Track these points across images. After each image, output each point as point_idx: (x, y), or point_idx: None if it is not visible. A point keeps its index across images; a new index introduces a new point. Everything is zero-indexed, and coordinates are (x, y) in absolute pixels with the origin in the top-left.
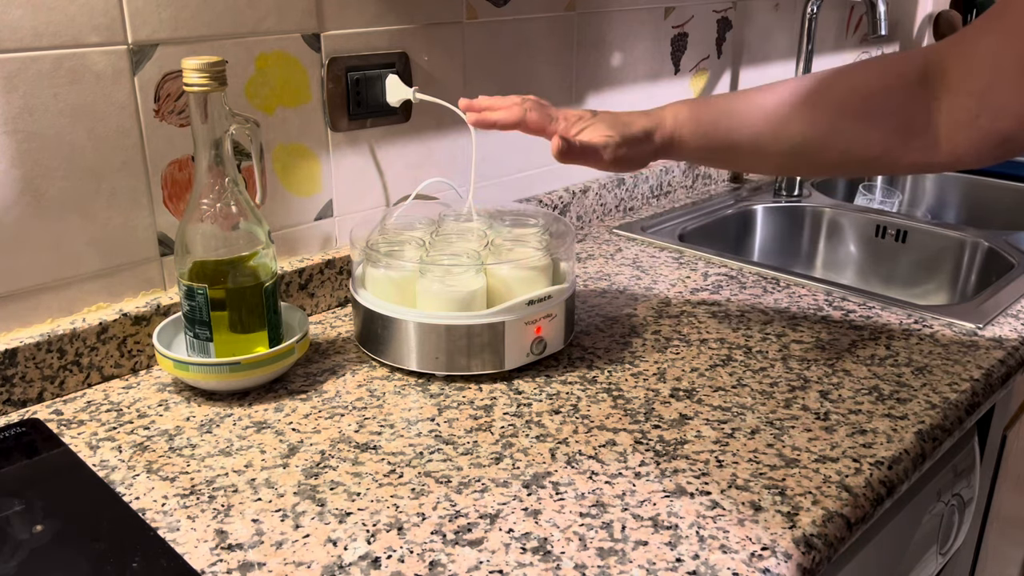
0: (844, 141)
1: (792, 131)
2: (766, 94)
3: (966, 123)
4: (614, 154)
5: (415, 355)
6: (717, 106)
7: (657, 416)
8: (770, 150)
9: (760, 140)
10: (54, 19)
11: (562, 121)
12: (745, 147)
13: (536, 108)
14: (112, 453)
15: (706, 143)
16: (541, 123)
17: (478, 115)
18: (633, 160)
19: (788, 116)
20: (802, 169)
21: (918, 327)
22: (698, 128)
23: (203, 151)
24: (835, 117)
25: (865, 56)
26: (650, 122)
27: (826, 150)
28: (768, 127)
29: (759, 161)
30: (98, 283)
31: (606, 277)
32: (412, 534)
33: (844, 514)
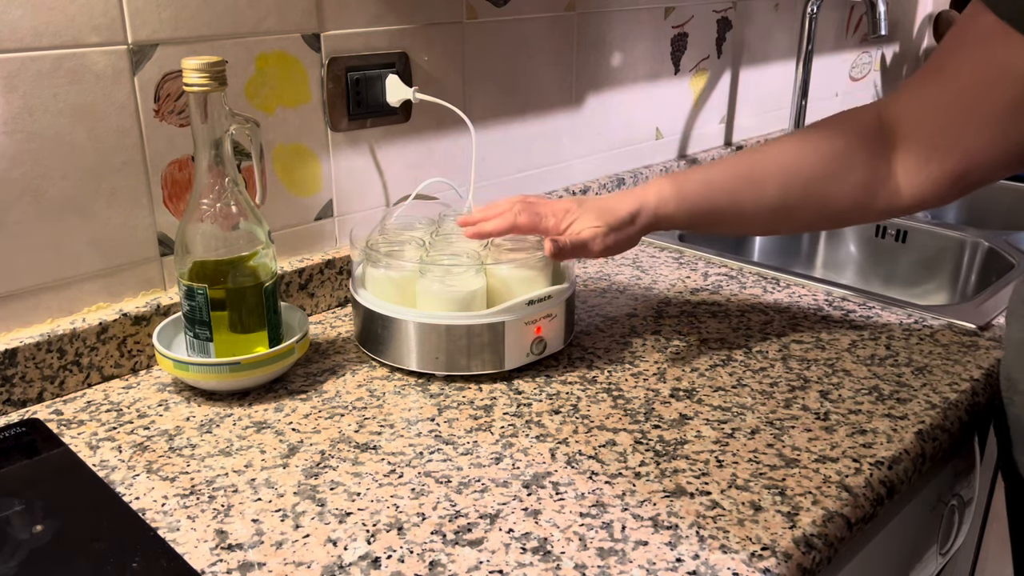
0: (818, 200)
1: (770, 195)
2: (744, 163)
3: (921, 167)
4: (603, 244)
5: (415, 355)
6: (697, 178)
7: (657, 416)
8: (750, 215)
9: (741, 207)
10: (54, 19)
11: (551, 218)
12: (728, 214)
13: (525, 210)
14: (112, 453)
15: (691, 215)
16: (532, 224)
17: (474, 228)
18: (621, 244)
19: (764, 181)
20: (782, 228)
21: (918, 327)
22: (681, 203)
23: (203, 151)
24: (807, 178)
25: (865, 55)
26: (634, 204)
27: (802, 209)
28: (748, 194)
29: (742, 225)
30: (98, 283)
31: (606, 277)
32: (412, 534)
33: (844, 514)
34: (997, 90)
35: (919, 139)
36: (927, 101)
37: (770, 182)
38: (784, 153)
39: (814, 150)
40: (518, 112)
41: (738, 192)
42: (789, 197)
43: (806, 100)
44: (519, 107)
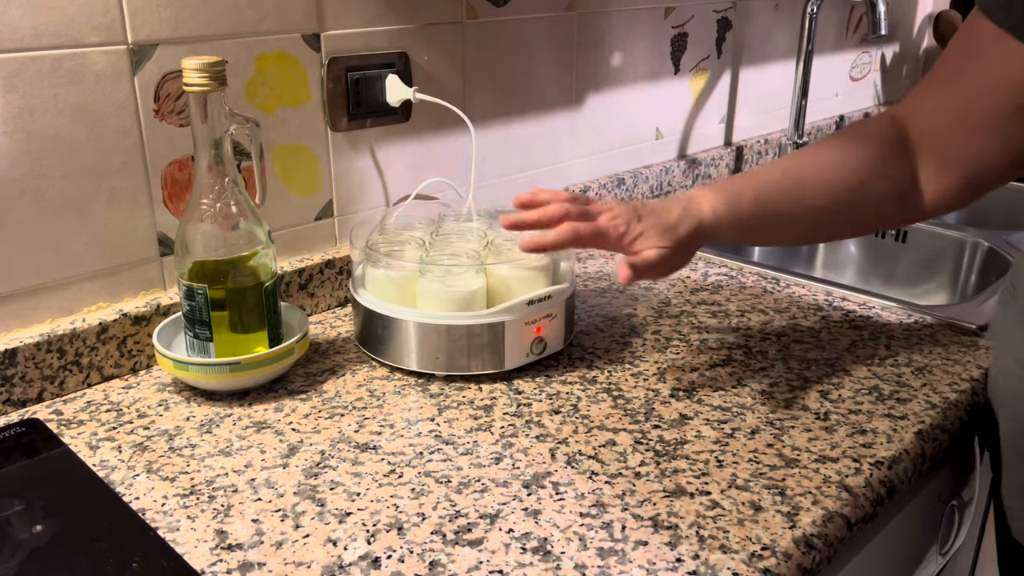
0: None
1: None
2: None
3: (937, 176)
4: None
5: (415, 355)
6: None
7: (657, 416)
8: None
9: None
10: (54, 19)
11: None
12: (770, 230)
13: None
14: (112, 453)
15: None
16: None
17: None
18: (684, 263)
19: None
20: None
21: (918, 327)
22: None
23: (203, 151)
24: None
25: (865, 55)
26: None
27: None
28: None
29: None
30: (98, 283)
31: (606, 277)
32: (412, 534)
33: (844, 514)
34: (998, 97)
35: (932, 149)
36: (936, 111)
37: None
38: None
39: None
40: (518, 112)
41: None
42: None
43: (806, 100)
44: (519, 107)
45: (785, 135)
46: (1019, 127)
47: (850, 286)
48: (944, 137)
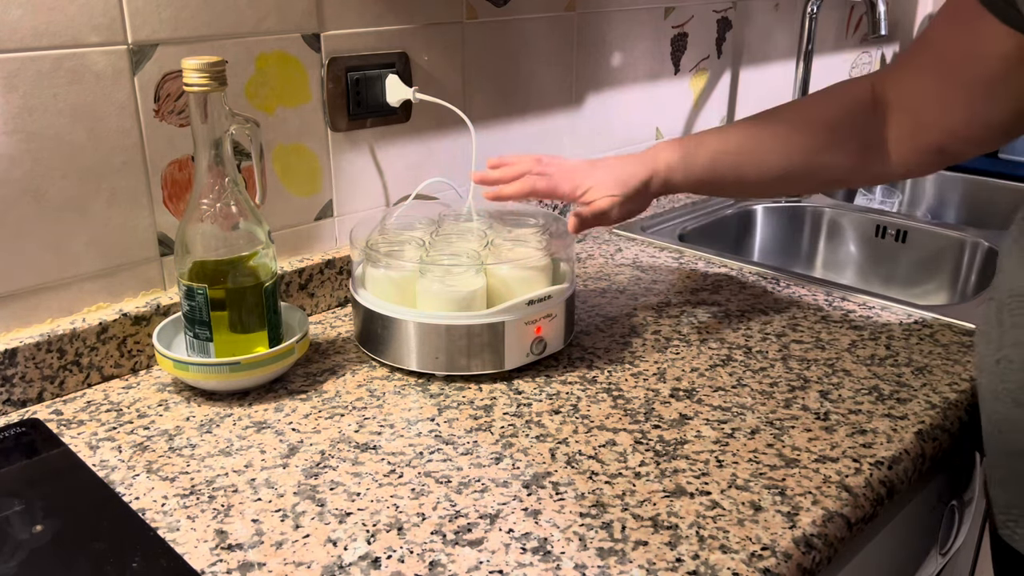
0: (816, 168)
1: (772, 165)
2: (746, 133)
3: (907, 138)
4: (620, 212)
5: (415, 355)
6: (706, 146)
7: (657, 416)
8: (752, 181)
9: (744, 175)
10: (54, 19)
11: (566, 184)
12: (729, 182)
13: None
14: (112, 453)
15: (695, 182)
16: (549, 189)
17: (494, 191)
18: (634, 211)
19: (768, 151)
20: (781, 192)
21: (918, 327)
22: (688, 171)
23: (203, 151)
24: (809, 147)
25: (865, 55)
26: (645, 172)
27: (803, 176)
28: (751, 163)
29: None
30: (98, 283)
31: (606, 277)
32: (412, 534)
33: (844, 514)
34: (974, 68)
35: (906, 113)
36: (914, 77)
37: (773, 154)
38: (786, 125)
39: (814, 122)
40: (518, 112)
41: (742, 165)
42: (791, 167)
43: None
44: (519, 107)
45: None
46: (991, 99)
47: (850, 286)
48: (920, 103)
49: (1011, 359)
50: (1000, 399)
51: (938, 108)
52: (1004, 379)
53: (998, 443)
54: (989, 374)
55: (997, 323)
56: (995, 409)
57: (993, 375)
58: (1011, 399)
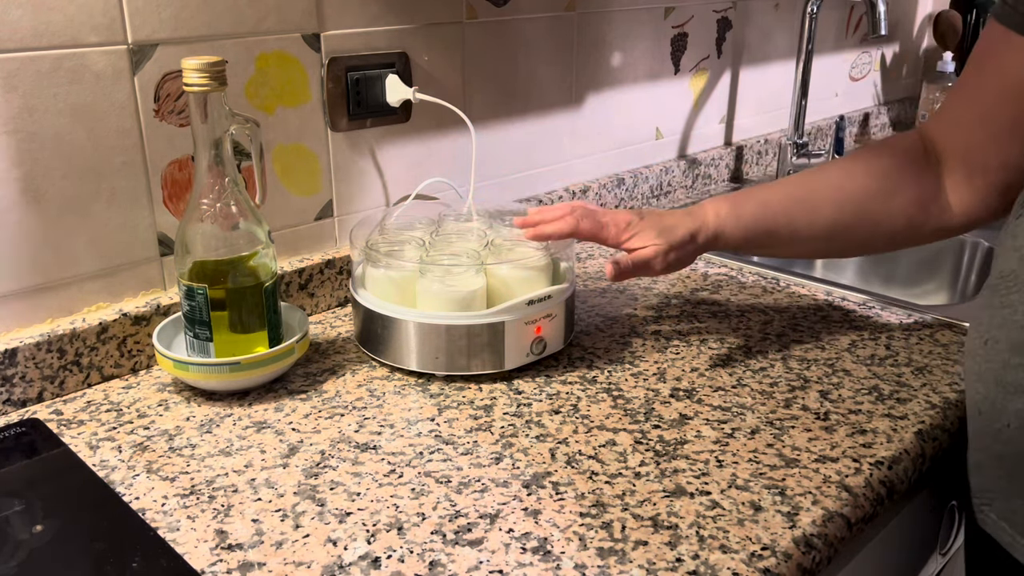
0: (871, 219)
1: (824, 216)
2: (798, 184)
3: (965, 184)
4: (664, 262)
5: (415, 355)
6: (755, 200)
7: (657, 416)
8: (805, 236)
9: (795, 228)
10: (54, 19)
11: (612, 227)
12: (783, 235)
13: (587, 216)
14: (112, 453)
15: (746, 236)
16: (593, 231)
17: (535, 230)
18: (681, 262)
19: (818, 202)
20: (836, 250)
21: (918, 327)
22: (739, 223)
23: (203, 151)
24: (861, 197)
25: (865, 55)
26: (694, 223)
27: (856, 228)
28: (802, 215)
29: (797, 247)
30: (98, 283)
31: (606, 277)
32: (412, 534)
33: (844, 514)
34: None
35: (958, 157)
36: (959, 119)
37: (824, 203)
38: (836, 174)
39: (865, 171)
40: (518, 112)
41: (793, 213)
42: (843, 217)
43: (806, 100)
44: (519, 107)
45: (785, 135)
46: None
47: (850, 286)
48: (968, 145)
49: (997, 339)
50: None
51: (989, 145)
52: (989, 359)
53: (978, 425)
54: (974, 356)
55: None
56: (977, 390)
57: (978, 356)
58: (993, 379)
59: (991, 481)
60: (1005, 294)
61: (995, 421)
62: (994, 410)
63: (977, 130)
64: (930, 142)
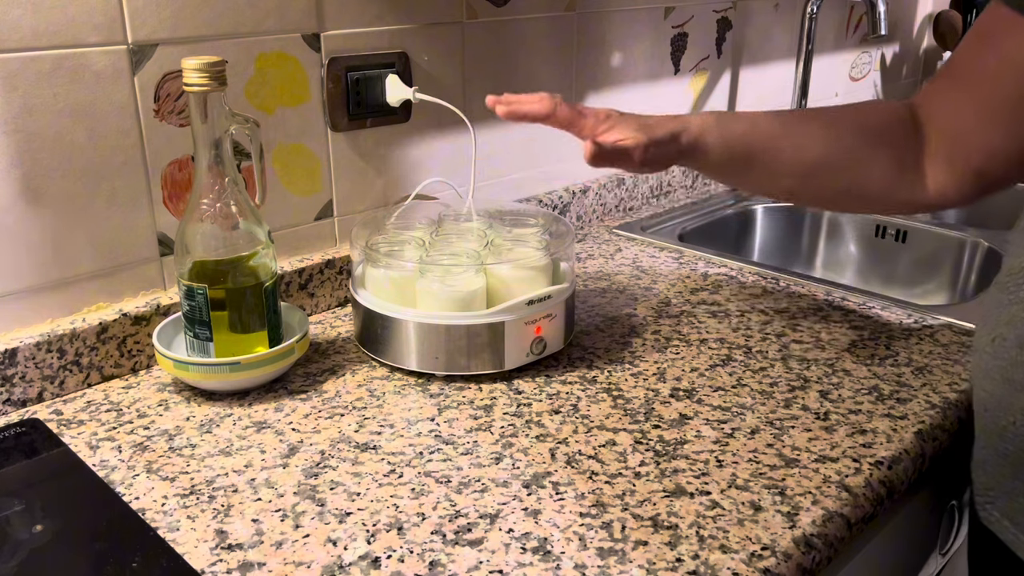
0: (853, 168)
1: (812, 148)
2: (790, 114)
3: (944, 162)
4: (643, 155)
5: (415, 355)
6: (743, 118)
7: (657, 416)
8: (787, 167)
9: (780, 155)
10: (54, 19)
11: (590, 118)
12: (765, 161)
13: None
14: (112, 453)
15: (728, 151)
16: (571, 118)
17: (508, 107)
18: (659, 160)
19: (809, 133)
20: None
21: (918, 327)
22: (722, 135)
23: (203, 151)
24: (851, 140)
25: (865, 55)
26: (676, 125)
27: (837, 174)
28: (789, 143)
29: (775, 180)
30: (98, 283)
31: (606, 277)
32: (412, 534)
33: (844, 514)
34: (1011, 84)
35: (942, 135)
36: (949, 98)
37: (811, 139)
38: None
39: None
40: None
41: (779, 141)
42: (827, 159)
43: (806, 100)
44: None
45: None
46: None
47: (850, 286)
48: (955, 125)
49: (1005, 336)
50: (990, 377)
51: (975, 128)
52: (996, 356)
53: (984, 422)
54: (982, 353)
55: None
56: (984, 387)
57: (986, 354)
58: (1001, 376)
59: (995, 478)
60: (1014, 291)
61: (1001, 418)
62: (1001, 407)
63: (967, 111)
64: (917, 114)
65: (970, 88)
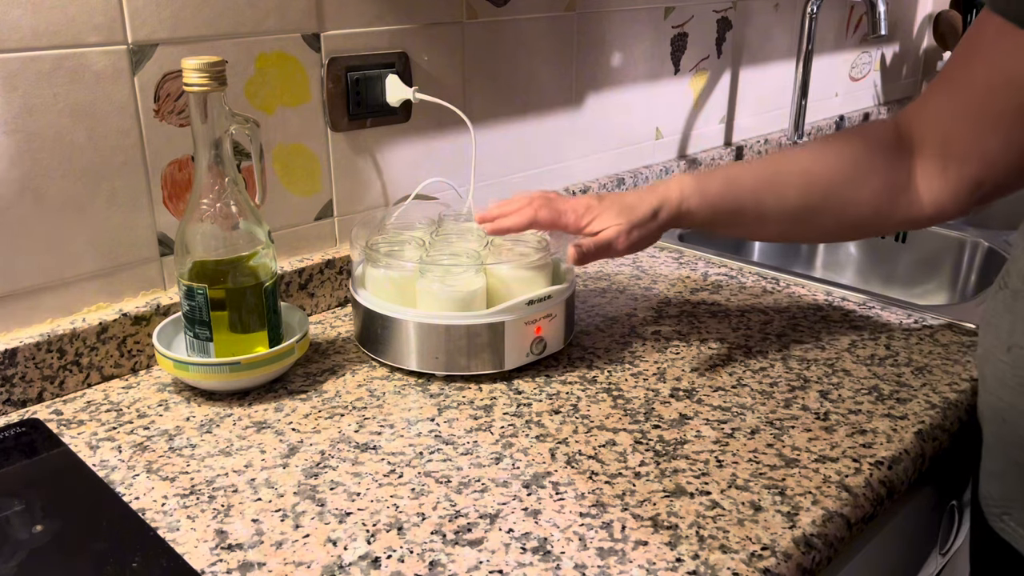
0: (838, 204)
1: (791, 197)
2: (766, 164)
3: (938, 175)
4: (627, 241)
5: (415, 355)
6: (721, 176)
7: (657, 416)
8: (772, 216)
9: (762, 208)
10: (54, 19)
11: (571, 214)
12: (749, 215)
13: (545, 205)
14: (112, 453)
15: (712, 212)
16: (552, 220)
17: (493, 225)
18: (644, 240)
19: (787, 183)
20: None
21: (918, 327)
22: (704, 199)
23: (203, 151)
24: (829, 181)
25: (865, 55)
26: (656, 200)
27: (823, 213)
28: (769, 194)
29: (762, 228)
30: (98, 283)
31: (606, 277)
32: (412, 534)
33: (844, 514)
34: (1008, 93)
35: (935, 147)
36: (941, 109)
37: (792, 185)
38: (806, 157)
39: (835, 155)
40: (518, 112)
41: (760, 192)
42: (810, 200)
43: (806, 100)
44: (519, 107)
45: (785, 135)
46: None
47: (850, 286)
48: (949, 135)
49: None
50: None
51: (970, 138)
52: (1014, 366)
53: (1000, 432)
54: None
55: (1008, 311)
56: (1001, 397)
57: (1002, 364)
58: (1020, 387)
59: (1014, 490)
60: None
61: (1021, 428)
62: (1021, 418)
63: (960, 121)
64: (906, 131)
65: (964, 99)
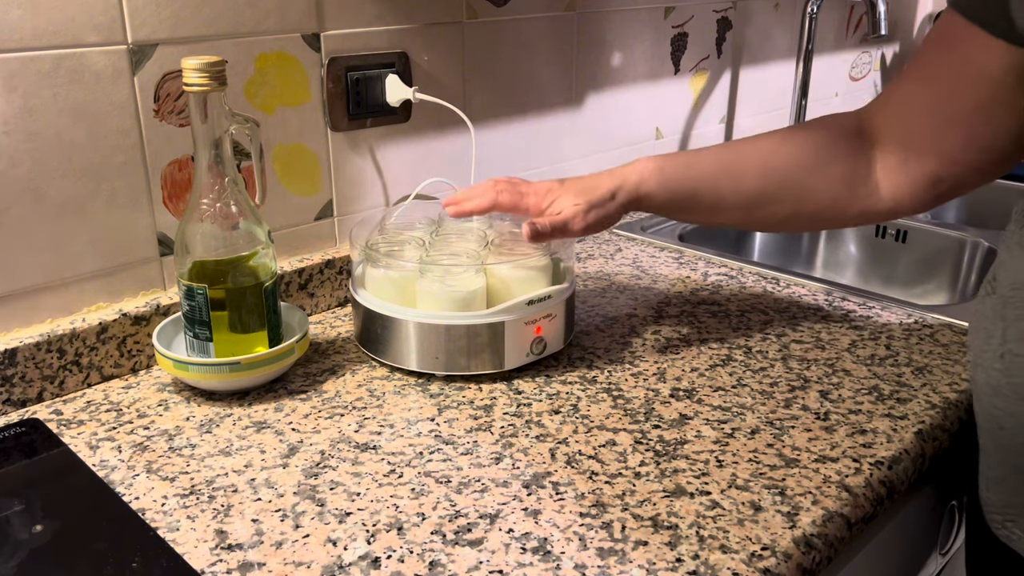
0: (796, 193)
1: (749, 183)
2: (727, 149)
3: (898, 168)
4: (584, 222)
5: (415, 355)
6: (683, 160)
7: (657, 416)
8: (728, 203)
9: (719, 192)
10: (54, 19)
11: (532, 196)
12: (706, 199)
13: (507, 189)
14: (112, 453)
15: (670, 195)
16: (512, 202)
17: (456, 208)
18: (602, 221)
19: (745, 169)
20: (758, 221)
21: (918, 327)
22: (662, 183)
23: (203, 151)
24: (788, 168)
25: (865, 55)
26: (614, 181)
27: (779, 202)
28: (727, 180)
29: (719, 214)
30: (98, 283)
31: (606, 277)
32: (412, 534)
33: (844, 514)
34: (967, 91)
35: (897, 140)
36: (904, 104)
37: (750, 170)
38: (766, 145)
39: (795, 144)
40: (518, 112)
41: (718, 178)
42: (767, 187)
43: (806, 100)
44: (519, 107)
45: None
46: (986, 123)
47: (850, 286)
48: (914, 131)
49: (1016, 353)
50: (1001, 394)
51: (931, 133)
52: (1008, 373)
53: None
54: (990, 370)
55: (999, 318)
56: (996, 404)
57: (995, 371)
58: (1015, 394)
59: (1016, 495)
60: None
61: (1020, 435)
62: (1019, 425)
63: (922, 116)
64: (869, 124)
65: (927, 95)
